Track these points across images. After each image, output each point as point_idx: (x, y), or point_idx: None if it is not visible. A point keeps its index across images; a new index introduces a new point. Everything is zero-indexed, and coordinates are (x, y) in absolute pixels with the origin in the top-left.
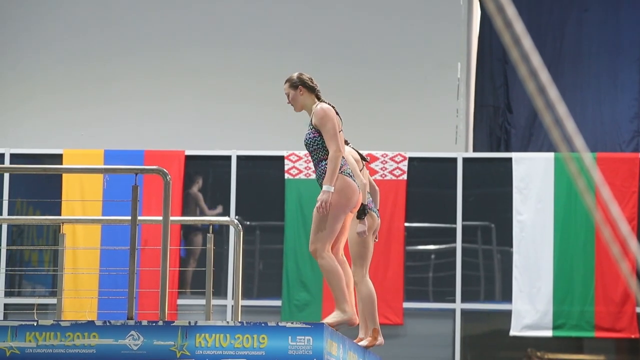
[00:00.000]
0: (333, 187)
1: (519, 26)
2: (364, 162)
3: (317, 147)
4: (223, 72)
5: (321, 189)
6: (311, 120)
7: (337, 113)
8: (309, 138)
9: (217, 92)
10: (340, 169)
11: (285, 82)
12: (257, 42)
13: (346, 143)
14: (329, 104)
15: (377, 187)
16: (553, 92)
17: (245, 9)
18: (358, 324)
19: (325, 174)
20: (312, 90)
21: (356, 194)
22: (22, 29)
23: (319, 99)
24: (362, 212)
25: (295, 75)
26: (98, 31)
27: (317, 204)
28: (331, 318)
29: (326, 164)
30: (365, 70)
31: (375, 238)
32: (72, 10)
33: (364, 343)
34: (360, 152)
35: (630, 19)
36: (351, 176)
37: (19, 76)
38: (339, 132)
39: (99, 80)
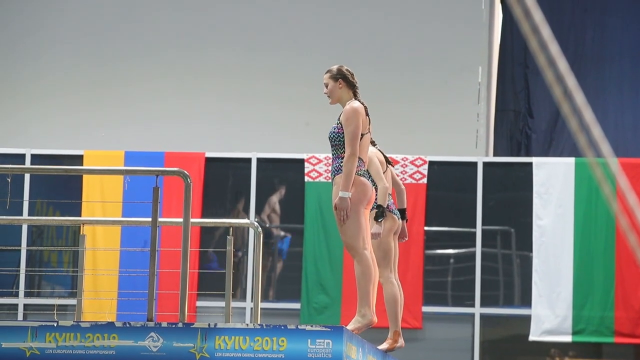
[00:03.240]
0: (350, 193)
1: (546, 31)
2: (388, 165)
3: (339, 143)
4: (244, 73)
5: (333, 182)
6: (340, 117)
7: (367, 114)
8: (334, 133)
9: (237, 94)
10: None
11: (326, 72)
12: (277, 44)
13: (373, 144)
14: (362, 103)
15: (403, 187)
16: (579, 98)
17: (267, 10)
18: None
19: (341, 170)
20: (351, 86)
21: (370, 189)
22: (44, 30)
23: (355, 96)
24: (381, 214)
25: (337, 66)
26: (120, 32)
27: (335, 211)
28: (352, 324)
29: (343, 161)
30: (386, 74)
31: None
32: (94, 11)
33: (384, 346)
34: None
35: None
36: (365, 177)
37: (40, 76)
38: (366, 133)
39: (120, 81)
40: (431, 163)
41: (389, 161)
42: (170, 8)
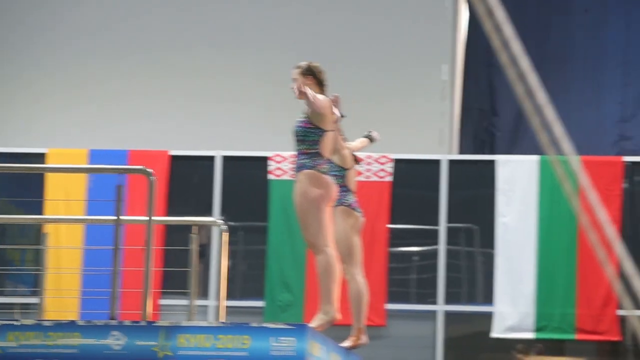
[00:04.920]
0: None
1: (508, 30)
2: (355, 164)
3: (304, 138)
4: (207, 72)
5: (296, 179)
6: (306, 110)
7: (333, 112)
8: (299, 127)
9: (201, 93)
10: (316, 167)
11: (296, 68)
12: (242, 43)
13: (344, 140)
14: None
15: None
16: (541, 96)
17: (231, 9)
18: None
19: (304, 167)
20: (319, 83)
21: (332, 187)
22: (7, 29)
23: (323, 94)
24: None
25: (306, 63)
26: (83, 32)
27: (297, 205)
28: (315, 322)
29: (306, 157)
30: (351, 72)
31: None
32: (56, 11)
33: (347, 344)
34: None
35: (615, 22)
36: (328, 175)
37: (2, 76)
38: (330, 131)
39: (84, 80)
40: (396, 161)
41: (356, 159)
42: (134, 9)
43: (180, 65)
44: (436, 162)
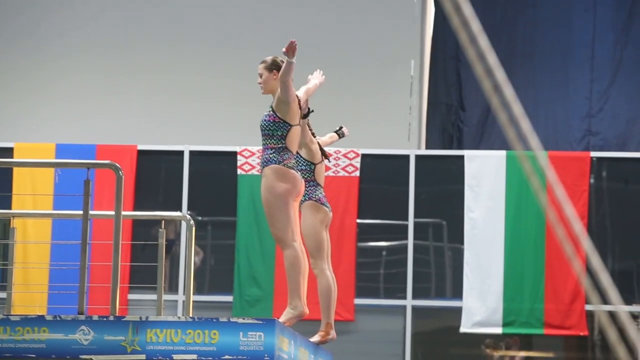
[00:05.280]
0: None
1: (476, 25)
2: (323, 158)
3: (270, 132)
4: (176, 67)
5: (262, 174)
6: (272, 104)
7: (299, 106)
8: (265, 121)
9: (170, 88)
10: (283, 162)
11: (261, 63)
12: (209, 39)
13: (313, 135)
14: (296, 95)
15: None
16: (509, 91)
17: (197, 5)
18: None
19: (270, 161)
20: None
21: (299, 182)
22: None
23: None
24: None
25: (271, 57)
26: (50, 26)
27: (265, 204)
28: (283, 316)
29: (273, 152)
30: (319, 67)
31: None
32: (20, 7)
33: (315, 339)
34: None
35: (582, 18)
36: (295, 169)
37: None
38: (295, 125)
39: (52, 75)
40: (364, 156)
41: (325, 154)
42: (100, 4)
43: (149, 60)
44: (404, 157)
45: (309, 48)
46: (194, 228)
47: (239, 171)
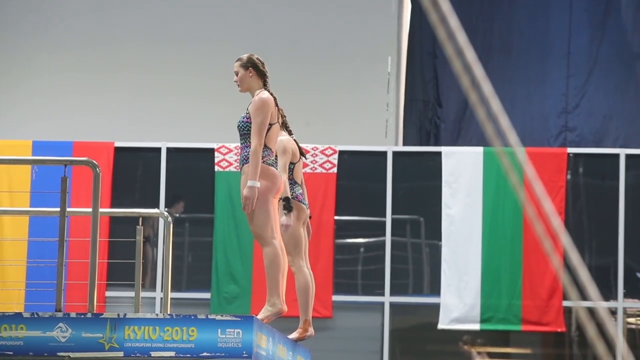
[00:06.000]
0: (258, 183)
1: (454, 21)
2: (301, 157)
3: (248, 132)
4: (153, 65)
5: (241, 171)
6: (249, 106)
7: (276, 105)
8: (242, 122)
9: (147, 85)
10: (262, 160)
11: (237, 61)
12: (187, 36)
13: (290, 133)
14: (271, 93)
15: (304, 185)
16: (487, 87)
17: (176, 3)
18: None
19: (249, 159)
20: (261, 75)
21: (279, 179)
22: None
23: (265, 85)
24: (288, 206)
25: (247, 55)
26: (29, 24)
27: (243, 201)
28: (261, 313)
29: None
30: (296, 63)
31: (308, 234)
32: (3, 3)
33: (294, 335)
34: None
35: (559, 14)
36: (274, 166)
37: None
38: (275, 123)
39: (29, 72)
40: (341, 152)
41: (302, 152)
42: (79, 2)
43: (126, 57)
44: (382, 154)
45: (286, 45)
46: (171, 225)
47: (217, 168)
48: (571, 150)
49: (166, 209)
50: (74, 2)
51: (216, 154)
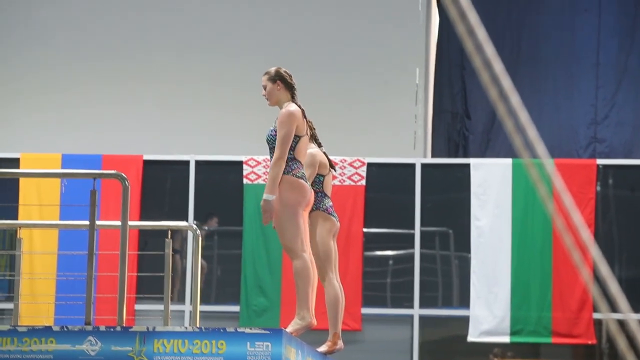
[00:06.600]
0: (274, 196)
1: (481, 33)
2: (331, 169)
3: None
4: (181, 77)
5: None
6: (277, 119)
7: (305, 117)
8: (270, 135)
9: (175, 98)
10: (292, 172)
11: (265, 74)
12: (215, 48)
13: (319, 146)
14: (299, 106)
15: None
16: (515, 99)
17: (204, 14)
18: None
19: None
20: (289, 87)
21: (308, 191)
22: None
23: (293, 98)
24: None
25: (274, 68)
26: (57, 36)
27: (265, 213)
28: (291, 326)
29: None
30: (324, 76)
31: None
32: (29, 16)
33: (323, 349)
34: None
35: (587, 24)
36: (304, 179)
37: None
38: (303, 136)
39: (58, 85)
40: (369, 165)
41: (332, 165)
42: (106, 13)
43: (155, 70)
44: (410, 166)
45: (315, 56)
46: (200, 238)
47: (245, 180)
48: (600, 161)
49: (195, 222)
50: (105, 14)
51: (244, 166)
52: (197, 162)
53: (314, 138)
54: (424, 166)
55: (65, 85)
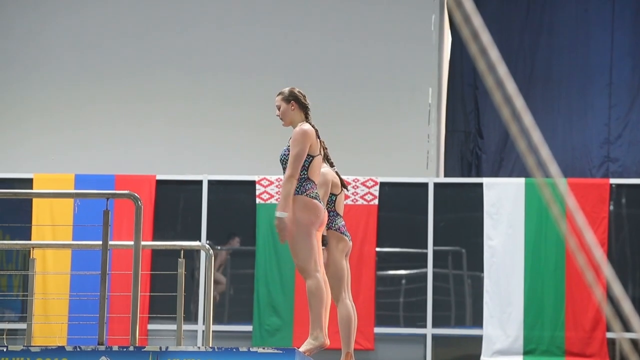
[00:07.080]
0: (286, 214)
1: (494, 53)
2: (343, 188)
3: None
4: (194, 96)
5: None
6: (290, 139)
7: (318, 137)
8: (284, 155)
9: (188, 117)
10: (305, 192)
11: (278, 95)
12: (227, 67)
13: (331, 165)
14: (313, 125)
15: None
16: (527, 118)
17: (217, 33)
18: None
19: (293, 192)
20: (303, 107)
21: (322, 211)
22: None
23: (307, 118)
24: (324, 241)
25: (288, 89)
26: (68, 56)
27: (280, 232)
28: (304, 346)
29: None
30: (337, 95)
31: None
32: (40, 35)
33: None
34: (342, 177)
35: (600, 44)
36: (317, 199)
37: None
38: (317, 155)
39: (70, 105)
40: (382, 184)
41: (344, 184)
42: (118, 33)
43: (168, 89)
44: (423, 185)
45: (327, 76)
46: (213, 258)
47: (258, 200)
48: (614, 181)
49: (208, 242)
50: (117, 34)
51: (257, 186)
52: (210, 182)
53: (326, 158)
54: (437, 185)
55: (78, 105)
